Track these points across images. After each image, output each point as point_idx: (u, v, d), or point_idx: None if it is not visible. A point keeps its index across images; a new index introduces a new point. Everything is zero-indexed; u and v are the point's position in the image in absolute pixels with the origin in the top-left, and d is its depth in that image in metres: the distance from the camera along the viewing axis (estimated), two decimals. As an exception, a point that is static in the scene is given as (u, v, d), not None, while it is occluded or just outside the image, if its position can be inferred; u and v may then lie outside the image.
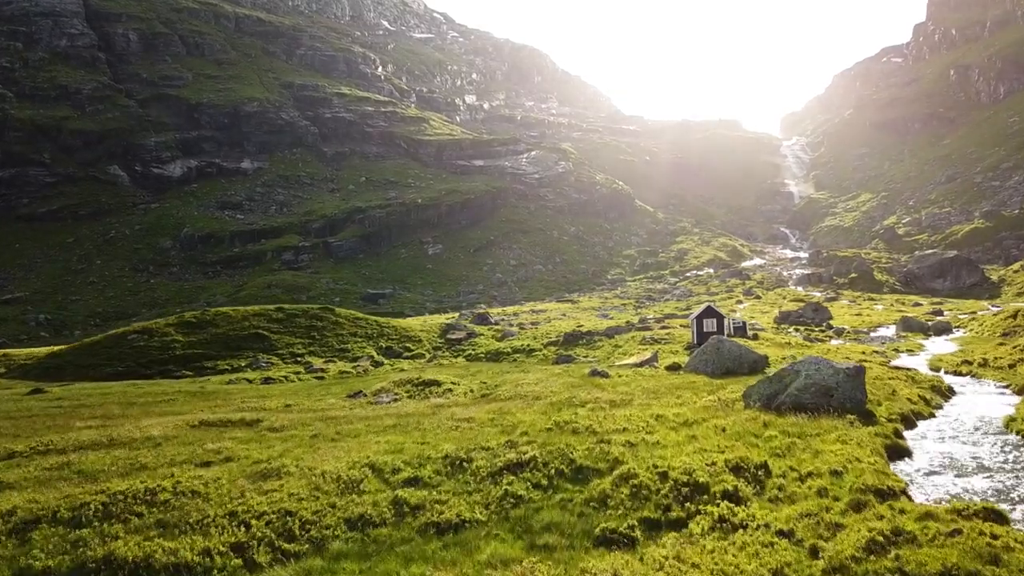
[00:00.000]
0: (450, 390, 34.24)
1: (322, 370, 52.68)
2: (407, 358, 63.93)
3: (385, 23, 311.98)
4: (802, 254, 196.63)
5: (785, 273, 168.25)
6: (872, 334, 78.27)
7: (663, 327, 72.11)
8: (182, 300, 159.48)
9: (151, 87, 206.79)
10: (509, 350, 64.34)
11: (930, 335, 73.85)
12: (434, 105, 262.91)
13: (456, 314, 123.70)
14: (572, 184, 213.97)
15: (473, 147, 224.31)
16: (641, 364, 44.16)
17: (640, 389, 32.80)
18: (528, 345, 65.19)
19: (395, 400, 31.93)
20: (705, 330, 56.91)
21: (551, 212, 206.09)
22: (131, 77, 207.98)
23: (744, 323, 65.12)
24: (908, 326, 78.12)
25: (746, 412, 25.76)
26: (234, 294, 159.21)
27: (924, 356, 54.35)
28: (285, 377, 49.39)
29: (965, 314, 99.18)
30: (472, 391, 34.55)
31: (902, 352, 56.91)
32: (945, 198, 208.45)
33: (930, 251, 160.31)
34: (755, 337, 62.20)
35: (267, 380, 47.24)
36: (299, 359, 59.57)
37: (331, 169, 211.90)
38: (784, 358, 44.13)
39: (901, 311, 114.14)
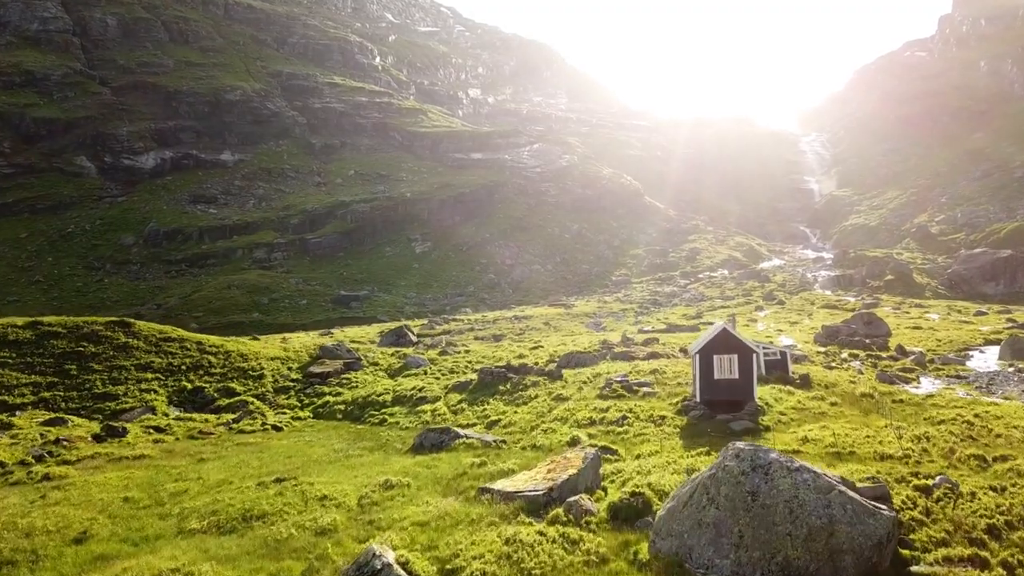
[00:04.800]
0: None
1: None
2: (213, 411, 37.10)
3: (389, 16, 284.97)
4: (825, 254, 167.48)
5: (809, 275, 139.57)
6: (969, 363, 49.34)
7: (652, 354, 44.17)
8: (133, 302, 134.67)
9: (128, 74, 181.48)
10: (389, 399, 37.56)
11: (1065, 367, 45.00)
12: (435, 98, 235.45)
13: (398, 323, 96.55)
14: (576, 179, 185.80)
15: (472, 139, 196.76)
16: (549, 497, 16.10)
17: None
18: (421, 390, 38.34)
19: None
20: (717, 375, 29.08)
21: (552, 208, 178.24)
22: (106, 63, 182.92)
23: (785, 353, 36.94)
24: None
25: None
26: (188, 296, 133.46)
27: None
28: None
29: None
30: None
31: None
32: (981, 194, 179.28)
33: (979, 250, 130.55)
34: (804, 383, 33.70)
35: None
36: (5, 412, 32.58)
37: (319, 162, 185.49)
38: (921, 492, 15.91)
39: (966, 321, 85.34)
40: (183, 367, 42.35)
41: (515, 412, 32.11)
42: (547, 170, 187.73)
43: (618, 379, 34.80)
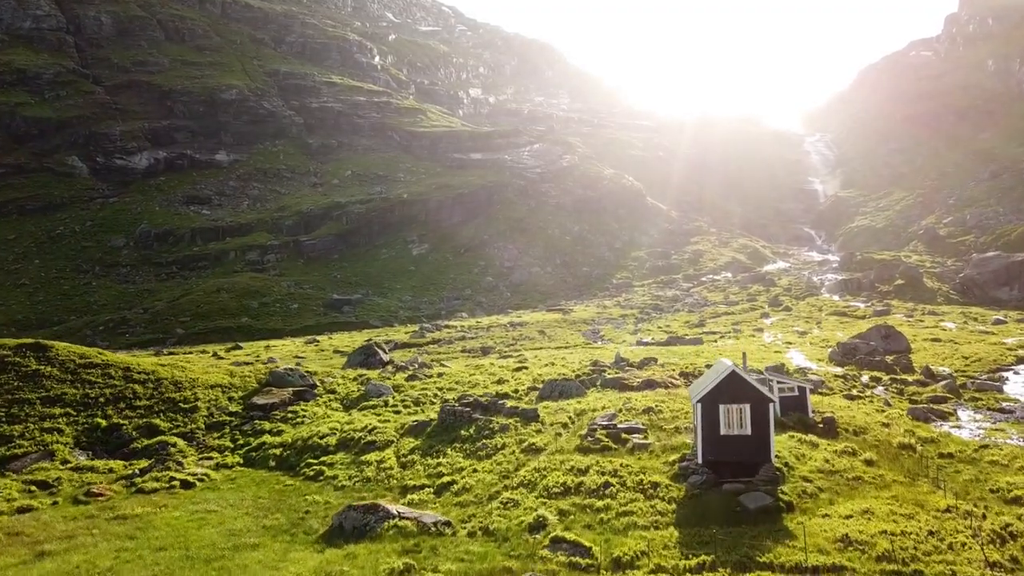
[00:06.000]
0: None
1: None
2: (127, 455, 31.25)
3: (389, 15, 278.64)
4: (831, 256, 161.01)
5: (816, 278, 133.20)
6: (1007, 387, 43.45)
7: (647, 382, 37.94)
8: (120, 305, 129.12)
9: (122, 73, 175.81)
10: (333, 443, 31.74)
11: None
12: (435, 98, 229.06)
13: (391, 327, 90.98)
14: (577, 179, 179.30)
15: (471, 139, 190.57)
16: None
17: None
18: (372, 431, 32.75)
19: None
20: (724, 430, 22.82)
21: (553, 209, 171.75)
22: (100, 62, 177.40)
23: (804, 389, 30.62)
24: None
25: None
26: (176, 300, 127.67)
27: None
28: None
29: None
30: None
31: None
32: (991, 195, 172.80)
33: (992, 253, 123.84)
34: (829, 429, 27.42)
35: None
36: None
37: (316, 162, 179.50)
38: None
39: (986, 331, 79.32)
40: (101, 399, 36.06)
41: (474, 469, 25.99)
42: (548, 170, 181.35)
43: (604, 422, 28.69)
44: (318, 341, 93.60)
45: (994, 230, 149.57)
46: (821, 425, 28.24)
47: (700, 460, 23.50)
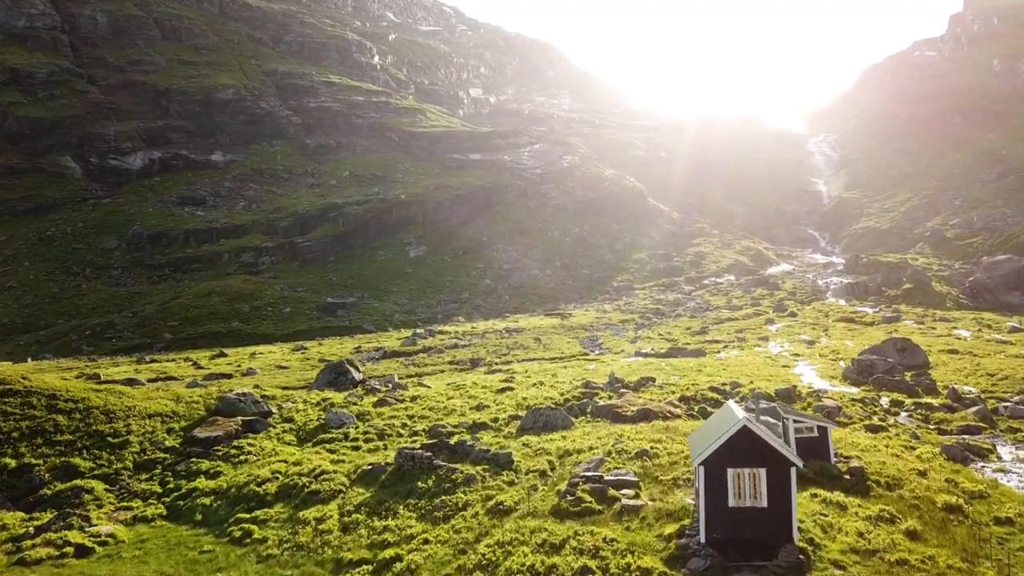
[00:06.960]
0: None
1: None
2: (32, 504, 27.27)
3: (390, 15, 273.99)
4: (836, 259, 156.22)
5: (821, 282, 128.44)
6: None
7: (643, 412, 33.20)
8: (110, 309, 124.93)
9: (117, 72, 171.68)
10: (272, 491, 27.43)
11: None
12: (435, 98, 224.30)
13: (360, 341, 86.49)
14: (578, 180, 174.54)
15: (471, 140, 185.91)
16: None
17: None
18: (319, 476, 28.58)
19: None
20: (734, 501, 17.92)
21: (553, 210, 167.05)
22: (95, 61, 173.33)
23: (825, 430, 25.86)
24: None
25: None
26: (167, 303, 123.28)
27: None
28: None
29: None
30: None
31: None
32: (998, 196, 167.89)
33: (1002, 257, 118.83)
34: (857, 482, 22.78)
35: None
36: None
37: (313, 163, 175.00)
38: None
39: (1003, 340, 75.30)
40: (15, 434, 31.21)
41: (426, 540, 21.41)
42: (548, 171, 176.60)
43: (589, 473, 24.12)
44: (306, 348, 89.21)
45: (1002, 232, 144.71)
46: (848, 477, 23.36)
47: (703, 539, 18.74)
